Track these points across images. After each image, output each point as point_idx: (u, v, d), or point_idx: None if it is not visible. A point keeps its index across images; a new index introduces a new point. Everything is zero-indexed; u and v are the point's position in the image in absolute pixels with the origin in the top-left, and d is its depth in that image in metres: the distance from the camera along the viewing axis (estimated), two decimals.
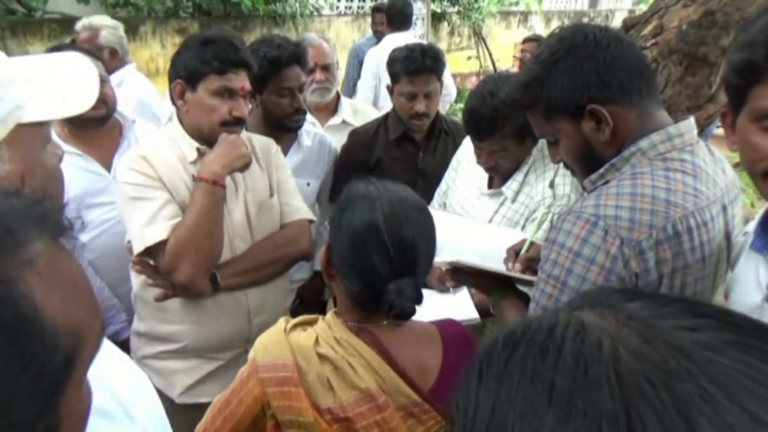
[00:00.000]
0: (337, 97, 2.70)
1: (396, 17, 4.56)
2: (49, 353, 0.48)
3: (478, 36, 9.16)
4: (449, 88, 4.00)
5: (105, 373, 0.68)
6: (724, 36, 1.42)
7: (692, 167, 1.12)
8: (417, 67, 2.10)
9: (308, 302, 2.34)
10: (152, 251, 1.59)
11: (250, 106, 1.78)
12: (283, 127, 2.12)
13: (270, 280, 1.78)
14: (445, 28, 9.20)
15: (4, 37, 6.25)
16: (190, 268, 1.57)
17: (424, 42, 4.65)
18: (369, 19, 5.44)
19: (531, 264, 1.42)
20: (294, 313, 1.78)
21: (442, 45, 8.57)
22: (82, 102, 0.83)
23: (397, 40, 3.97)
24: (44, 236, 0.51)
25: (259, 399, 1.10)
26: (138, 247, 1.59)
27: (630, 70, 1.10)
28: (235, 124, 1.67)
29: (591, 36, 1.12)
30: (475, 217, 1.86)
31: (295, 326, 1.18)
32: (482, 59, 9.24)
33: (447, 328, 1.23)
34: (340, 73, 3.18)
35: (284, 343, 1.12)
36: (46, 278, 0.48)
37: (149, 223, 1.59)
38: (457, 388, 0.43)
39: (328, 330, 1.14)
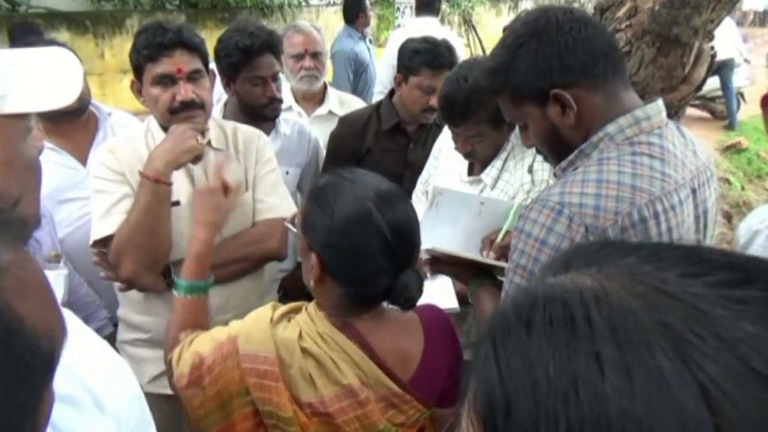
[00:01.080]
0: (324, 87, 2.67)
1: (425, 1, 4.49)
2: (36, 363, 0.47)
3: (468, 24, 9.11)
4: None
5: (74, 360, 0.67)
6: (695, 16, 1.40)
7: (660, 150, 1.11)
8: (442, 62, 2.07)
9: (292, 294, 2.32)
10: (104, 244, 1.60)
11: (216, 88, 1.73)
12: (259, 116, 2.10)
13: (234, 279, 1.73)
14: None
15: None
16: (131, 265, 1.56)
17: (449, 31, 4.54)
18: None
19: (505, 252, 1.41)
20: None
21: None
22: (65, 95, 0.82)
23: (421, 25, 3.97)
24: (9, 242, 0.50)
25: (237, 381, 1.09)
26: (91, 240, 1.61)
27: (594, 53, 1.08)
28: (185, 109, 1.60)
29: (554, 19, 1.10)
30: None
31: (281, 316, 1.16)
32: (473, 47, 9.20)
33: (428, 315, 1.23)
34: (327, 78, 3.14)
35: (268, 334, 1.11)
36: (21, 285, 0.48)
37: (103, 217, 1.59)
38: (469, 378, 0.39)
39: (311, 324, 1.13)
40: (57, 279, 0.79)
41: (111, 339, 2.02)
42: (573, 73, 1.08)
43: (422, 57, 2.10)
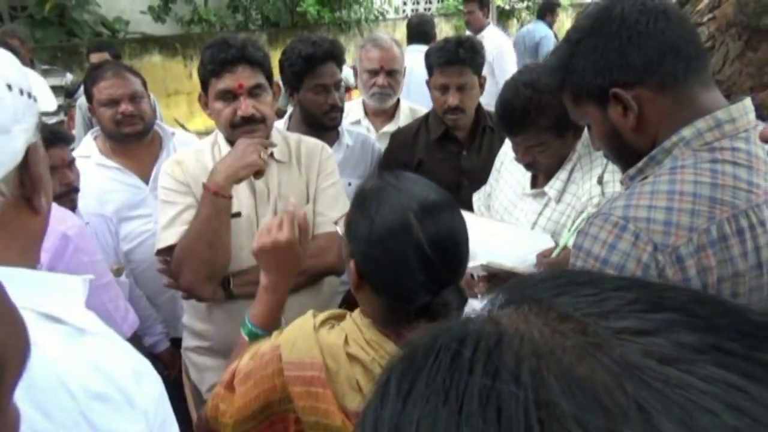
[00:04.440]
0: (396, 103, 2.58)
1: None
2: None
3: None
4: None
5: (104, 358, 0.69)
6: None
7: (746, 157, 0.95)
8: (449, 58, 2.00)
9: (355, 308, 2.28)
10: (169, 253, 1.64)
11: (275, 101, 1.75)
12: (321, 126, 2.09)
13: (292, 293, 1.72)
14: (514, 24, 8.96)
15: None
16: (190, 276, 1.59)
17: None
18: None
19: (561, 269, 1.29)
20: None
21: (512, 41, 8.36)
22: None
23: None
24: None
25: (278, 389, 1.06)
26: (155, 248, 1.67)
27: (661, 49, 0.95)
28: (245, 123, 1.62)
29: (618, 11, 0.98)
30: (518, 219, 1.73)
31: (323, 322, 1.12)
32: None
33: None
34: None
35: (313, 340, 1.06)
36: None
37: (167, 226, 1.64)
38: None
39: (357, 330, 1.07)
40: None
41: (166, 354, 2.07)
42: (635, 72, 0.96)
43: (433, 56, 2.05)
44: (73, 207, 1.79)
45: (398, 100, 2.58)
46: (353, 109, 2.61)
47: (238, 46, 1.61)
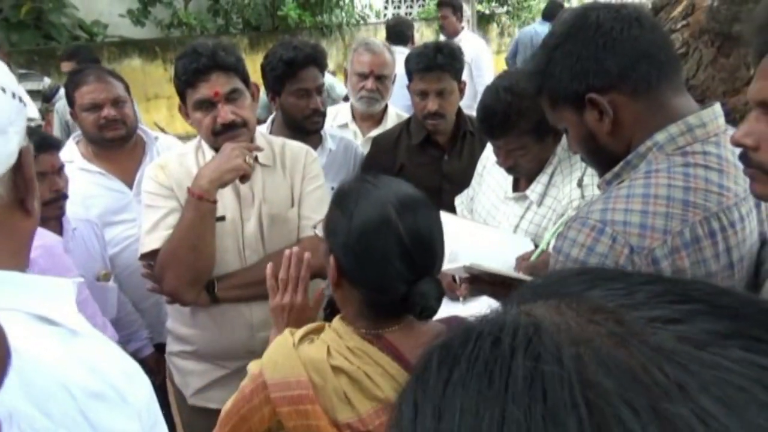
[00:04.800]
0: (385, 108, 2.59)
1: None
2: None
3: None
4: None
5: (97, 359, 0.70)
6: None
7: (717, 161, 0.99)
8: (427, 64, 2.02)
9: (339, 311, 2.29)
10: (152, 257, 1.64)
11: (255, 107, 1.75)
12: (303, 130, 2.10)
13: None
14: (494, 29, 9.04)
15: None
16: (174, 280, 1.59)
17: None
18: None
19: (536, 272, 1.32)
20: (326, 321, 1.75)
21: (492, 47, 8.42)
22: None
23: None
24: None
25: (267, 418, 1.06)
26: (139, 253, 1.67)
27: (634, 55, 0.98)
28: (227, 130, 1.62)
29: (593, 18, 1.01)
30: (501, 223, 1.76)
31: (303, 338, 1.12)
32: None
33: (454, 324, 1.16)
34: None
35: (295, 358, 1.07)
36: None
37: (151, 231, 1.63)
38: (390, 423, 0.35)
39: (338, 339, 1.09)
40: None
41: (151, 359, 2.06)
42: (610, 77, 0.99)
43: (412, 62, 2.08)
44: (61, 214, 1.78)
45: (386, 106, 2.59)
46: (341, 112, 2.61)
47: (208, 54, 1.59)
